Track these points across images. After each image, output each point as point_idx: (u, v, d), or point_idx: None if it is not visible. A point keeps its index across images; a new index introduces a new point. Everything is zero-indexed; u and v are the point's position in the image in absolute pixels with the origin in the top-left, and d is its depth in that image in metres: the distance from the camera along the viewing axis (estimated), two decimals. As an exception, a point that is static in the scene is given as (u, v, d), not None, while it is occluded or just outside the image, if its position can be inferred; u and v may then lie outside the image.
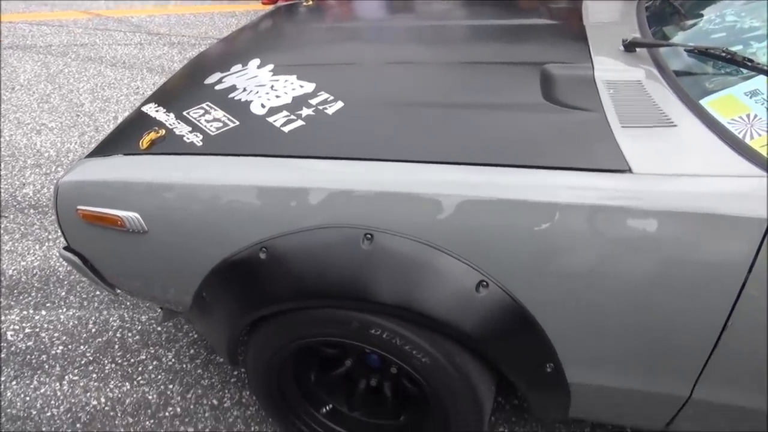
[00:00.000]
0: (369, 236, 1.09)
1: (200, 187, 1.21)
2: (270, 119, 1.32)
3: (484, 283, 1.08)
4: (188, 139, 1.30)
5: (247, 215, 1.18)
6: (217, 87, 1.51)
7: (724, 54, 1.19)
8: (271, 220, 1.16)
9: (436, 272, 1.09)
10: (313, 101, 1.36)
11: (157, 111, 1.46)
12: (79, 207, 1.30)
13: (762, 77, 1.13)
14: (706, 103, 1.15)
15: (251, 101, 1.40)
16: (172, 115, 1.42)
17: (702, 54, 1.26)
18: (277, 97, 1.40)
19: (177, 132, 1.34)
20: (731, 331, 1.03)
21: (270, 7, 4.82)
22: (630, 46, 1.41)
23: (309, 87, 1.42)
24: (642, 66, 1.34)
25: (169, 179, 1.24)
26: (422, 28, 1.87)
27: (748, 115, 1.09)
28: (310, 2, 2.18)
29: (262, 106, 1.37)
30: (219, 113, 1.38)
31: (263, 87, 1.45)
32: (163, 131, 1.34)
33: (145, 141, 1.32)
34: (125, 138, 1.40)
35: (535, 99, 1.27)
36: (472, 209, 1.07)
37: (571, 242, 1.04)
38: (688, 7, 1.57)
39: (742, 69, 1.16)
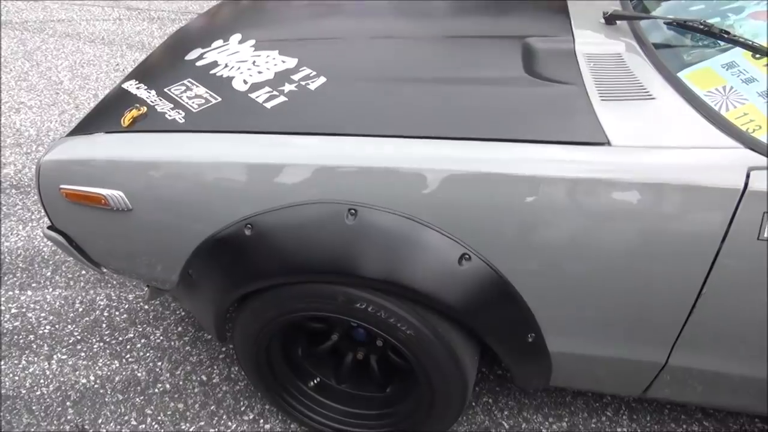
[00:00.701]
0: (353, 211, 1.11)
1: (183, 165, 1.21)
2: (252, 95, 1.31)
3: (467, 256, 1.09)
4: (170, 116, 1.30)
5: (231, 192, 1.18)
6: (198, 63, 1.50)
7: (701, 26, 1.20)
8: (255, 197, 1.17)
9: (420, 246, 1.11)
10: (296, 77, 1.36)
11: (138, 88, 1.44)
12: (61, 186, 1.30)
13: (738, 49, 1.15)
14: (683, 75, 1.17)
15: (233, 77, 1.39)
16: (153, 92, 1.40)
17: (680, 26, 1.27)
18: (259, 72, 1.39)
19: (159, 109, 1.33)
20: (705, 298, 1.06)
21: (251, -19, 4.73)
22: (610, 19, 1.41)
23: (291, 62, 1.41)
24: (622, 39, 1.35)
25: (151, 157, 1.24)
26: (405, 3, 1.85)
27: (724, 87, 1.11)
28: (292, -24, 2.15)
29: (244, 82, 1.37)
30: (201, 90, 1.37)
31: (245, 63, 1.44)
32: (145, 108, 1.34)
33: (126, 118, 1.31)
34: (106, 116, 1.39)
35: (516, 73, 1.27)
36: (454, 183, 1.08)
37: (551, 215, 1.06)
38: (669, -21, 1.58)
39: (719, 41, 1.18)
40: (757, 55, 1.11)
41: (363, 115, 1.22)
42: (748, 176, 0.97)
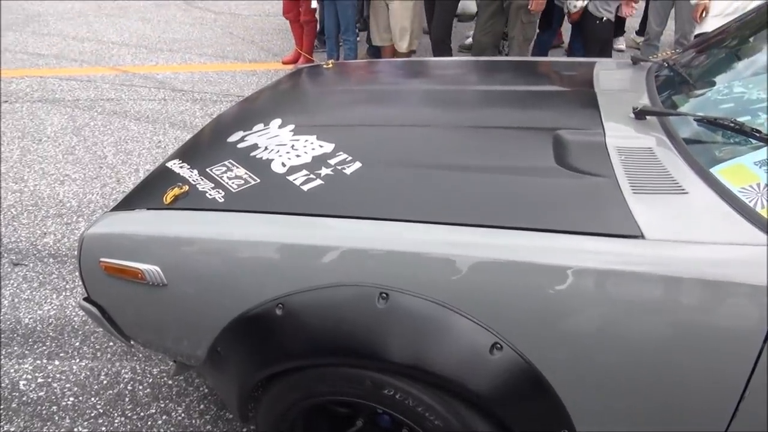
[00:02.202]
0: (384, 295, 1.11)
1: (220, 243, 1.24)
2: (290, 178, 1.36)
3: (498, 345, 1.08)
4: (210, 195, 1.35)
5: (265, 271, 1.20)
6: (240, 145, 1.56)
7: (732, 124, 1.22)
8: (288, 277, 1.18)
9: (451, 333, 1.10)
10: (332, 161, 1.40)
11: (181, 167, 1.51)
12: (101, 259, 1.34)
13: (771, 147, 1.16)
14: (716, 171, 1.18)
15: (272, 160, 1.45)
16: (195, 171, 1.46)
17: (711, 124, 1.29)
18: (297, 156, 1.45)
19: (200, 188, 1.38)
20: (751, 399, 1.02)
21: (290, 67, 5.00)
22: (640, 114, 1.44)
23: (328, 147, 1.47)
24: (652, 133, 1.37)
25: (190, 234, 1.28)
26: (439, 92, 1.93)
27: (758, 184, 1.11)
28: (330, 64, 2.27)
29: (283, 164, 1.42)
30: (241, 171, 1.42)
31: (284, 146, 1.51)
32: (187, 187, 1.39)
33: (168, 196, 1.36)
34: (149, 193, 1.45)
35: (547, 163, 1.30)
36: (485, 271, 1.08)
37: (584, 306, 1.05)
38: (696, 76, 1.62)
39: (750, 139, 1.19)
40: (790, 154, 1.12)
41: (396, 200, 1.25)
42: (786, 274, 0.96)
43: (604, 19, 3.78)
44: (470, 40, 4.90)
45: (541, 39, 4.50)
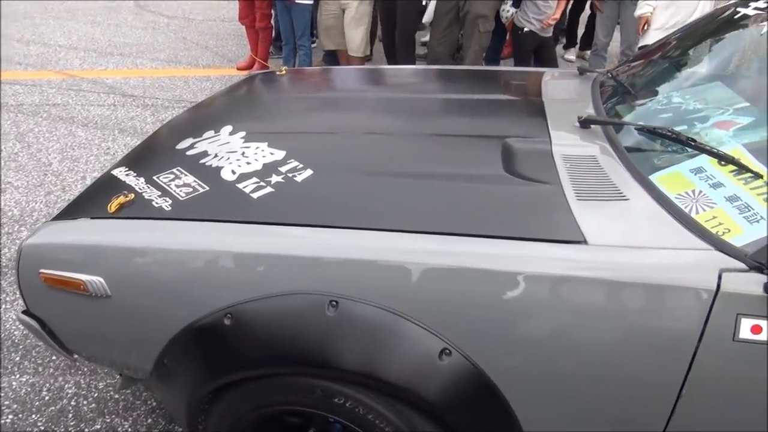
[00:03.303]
0: (334, 303, 1.11)
1: (166, 252, 1.22)
2: (240, 185, 1.34)
3: (447, 351, 1.09)
4: (157, 203, 1.31)
5: (213, 281, 1.18)
6: (189, 152, 1.54)
7: (670, 133, 1.27)
8: (236, 286, 1.16)
9: (400, 339, 1.10)
10: (283, 168, 1.39)
11: (127, 175, 1.47)
12: (41, 270, 1.29)
13: (705, 156, 1.21)
14: (655, 178, 1.22)
15: (222, 167, 1.43)
16: (141, 179, 1.43)
17: (651, 132, 1.34)
18: (248, 163, 1.43)
19: (146, 196, 1.35)
20: (685, 399, 1.05)
21: (245, 73, 4.94)
22: (585, 123, 1.49)
23: (279, 154, 1.46)
24: (596, 142, 1.42)
25: (134, 244, 1.24)
26: (392, 100, 1.94)
27: (693, 191, 1.16)
28: (284, 71, 2.26)
29: (233, 172, 1.40)
30: (189, 178, 1.40)
31: (234, 153, 1.49)
32: (132, 195, 1.35)
33: (113, 205, 1.32)
34: (93, 201, 1.41)
35: (496, 171, 1.32)
36: (435, 277, 1.09)
37: (531, 311, 1.07)
38: (638, 86, 1.68)
39: (686, 148, 1.24)
40: (722, 162, 1.17)
41: (347, 207, 1.25)
42: (720, 277, 1.00)
43: (525, 29, 3.92)
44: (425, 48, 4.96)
45: (490, 46, 4.58)
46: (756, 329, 0.99)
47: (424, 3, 4.21)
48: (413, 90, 2.07)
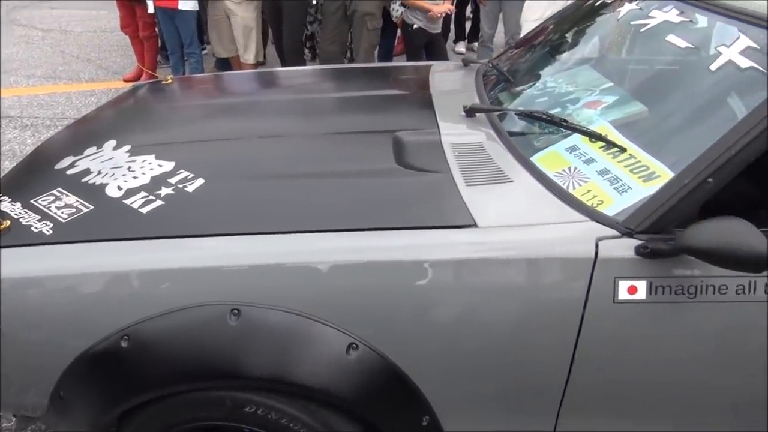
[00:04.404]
0: (236, 311, 1.09)
1: (51, 279, 1.15)
2: (127, 201, 1.29)
3: (354, 345, 1.10)
4: (36, 228, 1.23)
5: (105, 303, 1.13)
6: (69, 171, 1.45)
7: (546, 116, 1.35)
8: (131, 306, 1.12)
9: (307, 340, 1.10)
10: (173, 180, 1.35)
11: (0, 201, 1.37)
12: None
13: (578, 135, 1.30)
14: (535, 159, 1.30)
15: (107, 184, 1.36)
16: (18, 204, 1.33)
17: (529, 117, 1.42)
18: (135, 178, 1.37)
19: (24, 222, 1.26)
20: (578, 363, 1.13)
21: (132, 85, 4.72)
22: (470, 112, 1.55)
23: (168, 166, 1.41)
24: (482, 129, 1.48)
25: (16, 273, 1.16)
26: (283, 102, 1.93)
27: (569, 168, 1.24)
28: (170, 79, 2.18)
29: (119, 188, 1.34)
30: (71, 199, 1.32)
31: (119, 169, 1.42)
32: (8, 222, 1.26)
33: (-14, 235, 1.23)
34: (-37, 233, 1.30)
35: (388, 165, 1.35)
36: (336, 274, 1.10)
37: (430, 296, 1.11)
38: (517, 74, 1.77)
39: (561, 129, 1.33)
40: (593, 139, 1.26)
41: (242, 213, 1.23)
42: (597, 246, 1.08)
43: (415, 26, 4.04)
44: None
45: (382, 44, 4.66)
46: (632, 290, 1.08)
47: (314, 1, 4.19)
48: (305, 91, 2.06)
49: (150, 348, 1.11)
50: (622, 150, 1.22)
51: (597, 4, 1.77)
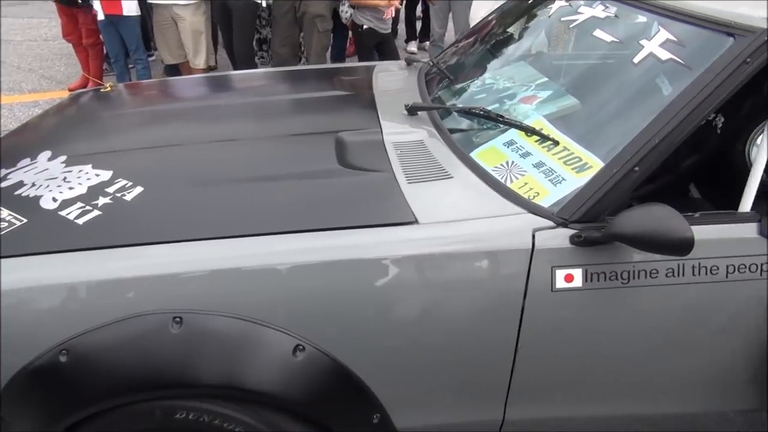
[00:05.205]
0: (178, 319, 1.07)
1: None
2: (62, 213, 1.25)
3: (301, 347, 1.10)
4: (-34, 244, 1.19)
5: (41, 318, 1.10)
6: (1, 185, 1.41)
7: (482, 112, 1.38)
8: (69, 320, 1.09)
9: (253, 344, 1.10)
10: (110, 189, 1.32)
11: (-71, 218, 1.31)
12: None
13: (515, 129, 1.33)
14: (474, 154, 1.32)
15: (41, 196, 1.32)
16: (-54, 221, 1.29)
17: (467, 113, 1.44)
18: (71, 188, 1.34)
19: (-48, 239, 1.22)
20: (522, 351, 1.16)
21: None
22: (412, 110, 1.57)
23: (106, 175, 1.38)
24: (423, 127, 1.50)
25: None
26: (227, 107, 1.91)
27: (507, 162, 1.27)
28: (109, 87, 2.13)
29: (54, 199, 1.30)
30: (3, 213, 1.28)
31: (54, 180, 1.38)
32: (-64, 239, 1.21)
33: None
34: None
35: (331, 165, 1.35)
36: (278, 277, 1.10)
37: (373, 293, 1.11)
38: (457, 72, 1.80)
39: (498, 124, 1.35)
40: (528, 133, 1.29)
41: (182, 220, 1.22)
42: (534, 237, 1.11)
43: (365, 27, 4.06)
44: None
45: (334, 45, 4.66)
46: (569, 278, 1.11)
47: (264, 3, 4.15)
48: (252, 94, 2.05)
49: (90, 361, 1.08)
50: (556, 143, 1.25)
51: (532, 1, 1.81)
